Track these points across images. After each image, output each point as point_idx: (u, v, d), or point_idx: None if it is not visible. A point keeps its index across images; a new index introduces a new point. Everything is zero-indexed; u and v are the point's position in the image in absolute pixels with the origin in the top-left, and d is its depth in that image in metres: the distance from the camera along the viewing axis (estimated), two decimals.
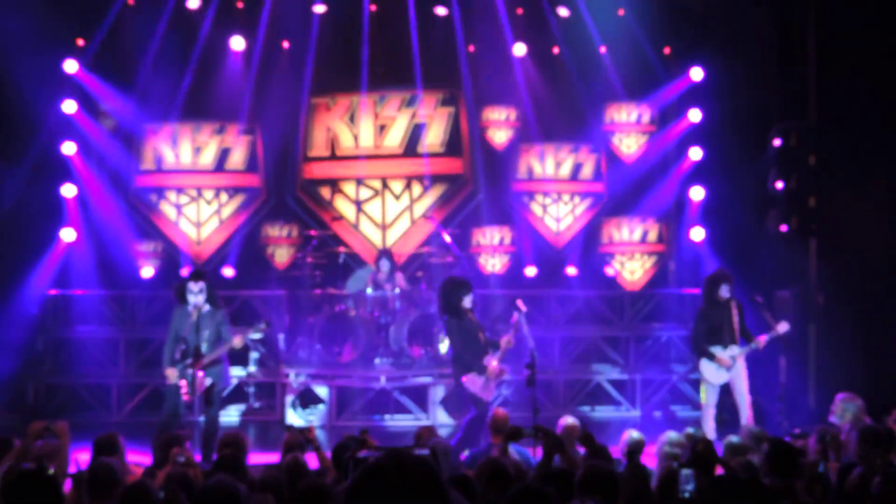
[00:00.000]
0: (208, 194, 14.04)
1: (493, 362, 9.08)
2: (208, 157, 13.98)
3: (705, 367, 9.81)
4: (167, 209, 13.97)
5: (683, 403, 12.76)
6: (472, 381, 9.20)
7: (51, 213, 13.05)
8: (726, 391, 9.96)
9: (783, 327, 9.69)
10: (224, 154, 14.00)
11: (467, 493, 5.20)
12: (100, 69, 13.32)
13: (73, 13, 12.62)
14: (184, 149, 13.91)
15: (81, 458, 7.03)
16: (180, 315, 9.24)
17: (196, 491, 4.92)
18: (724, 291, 9.78)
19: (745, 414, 9.70)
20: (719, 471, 5.79)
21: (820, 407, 9.81)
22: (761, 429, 7.69)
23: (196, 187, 14.02)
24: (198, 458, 7.44)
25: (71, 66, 13.07)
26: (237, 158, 14.04)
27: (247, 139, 14.04)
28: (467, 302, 9.20)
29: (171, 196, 13.99)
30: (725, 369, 9.70)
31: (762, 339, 9.68)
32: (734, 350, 9.70)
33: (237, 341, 9.18)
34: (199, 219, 14.02)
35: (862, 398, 7.94)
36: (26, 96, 11.98)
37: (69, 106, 13.16)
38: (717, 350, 9.73)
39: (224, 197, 14.07)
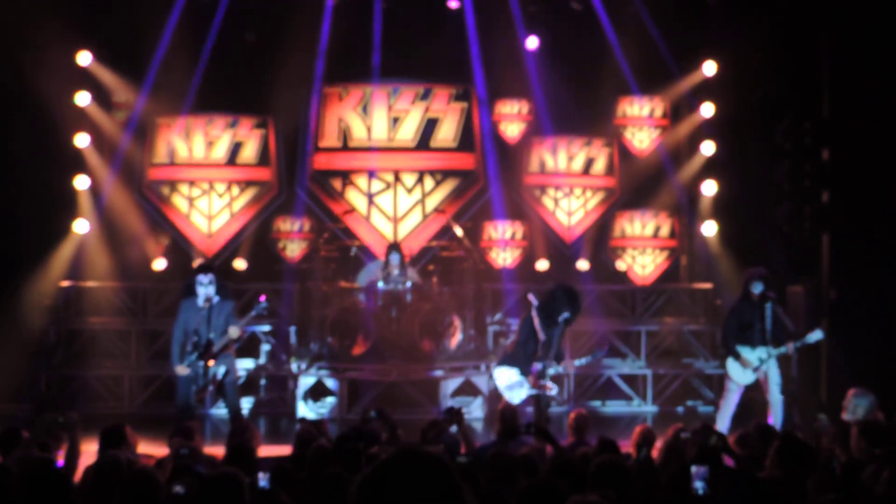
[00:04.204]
0: (220, 187, 14.07)
1: (534, 373, 9.00)
2: (220, 151, 14.01)
3: (731, 365, 9.63)
4: (179, 202, 14.01)
5: (695, 399, 12.74)
6: (502, 374, 9.15)
7: (64, 205, 13.10)
8: (751, 388, 9.81)
9: (815, 336, 9.37)
10: (236, 148, 14.04)
11: (474, 486, 5.21)
12: (113, 61, 13.34)
13: (86, 4, 12.64)
14: (196, 142, 13.94)
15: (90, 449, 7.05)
16: (188, 308, 9.24)
17: (201, 482, 4.91)
18: (756, 289, 9.51)
19: (777, 415, 9.43)
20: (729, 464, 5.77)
21: (832, 402, 9.76)
22: (771, 424, 7.65)
23: (208, 181, 14.06)
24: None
25: (84, 58, 13.10)
26: (249, 153, 14.08)
27: (259, 133, 14.07)
28: (532, 298, 9.11)
29: (184, 189, 14.03)
30: (751, 370, 9.52)
31: (791, 348, 9.34)
32: (761, 353, 9.48)
33: (233, 332, 9.10)
34: (211, 212, 14.05)
35: (875, 393, 7.88)
36: (40, 88, 12.02)
37: (82, 98, 13.20)
38: (744, 351, 9.51)
39: (235, 190, 14.10)
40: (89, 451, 6.85)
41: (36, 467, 5.00)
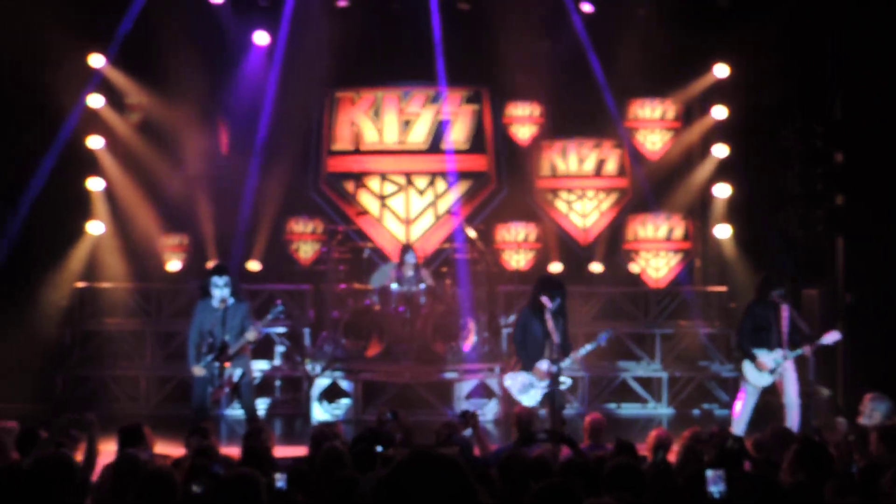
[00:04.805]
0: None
1: (542, 366, 9.01)
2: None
3: (747, 367, 9.53)
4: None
5: (710, 402, 12.70)
6: (512, 380, 9.16)
7: (78, 207, 13.15)
8: (768, 392, 9.76)
9: (832, 337, 9.28)
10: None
11: (489, 488, 5.21)
12: (126, 63, 13.37)
13: (99, 7, 12.67)
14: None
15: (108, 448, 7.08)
16: (204, 309, 9.25)
17: (219, 482, 4.93)
18: (774, 292, 9.37)
19: (793, 418, 9.30)
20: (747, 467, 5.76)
21: (848, 405, 9.73)
22: (789, 428, 7.61)
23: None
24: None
25: (97, 60, 13.13)
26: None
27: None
28: (546, 301, 9.01)
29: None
30: (767, 373, 9.46)
31: (808, 350, 9.22)
32: (778, 354, 9.38)
33: (250, 335, 9.12)
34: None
35: (891, 397, 7.85)
36: (53, 90, 12.06)
37: (96, 100, 13.24)
38: (760, 353, 9.41)
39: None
40: (106, 451, 6.87)
41: (53, 463, 5.03)
